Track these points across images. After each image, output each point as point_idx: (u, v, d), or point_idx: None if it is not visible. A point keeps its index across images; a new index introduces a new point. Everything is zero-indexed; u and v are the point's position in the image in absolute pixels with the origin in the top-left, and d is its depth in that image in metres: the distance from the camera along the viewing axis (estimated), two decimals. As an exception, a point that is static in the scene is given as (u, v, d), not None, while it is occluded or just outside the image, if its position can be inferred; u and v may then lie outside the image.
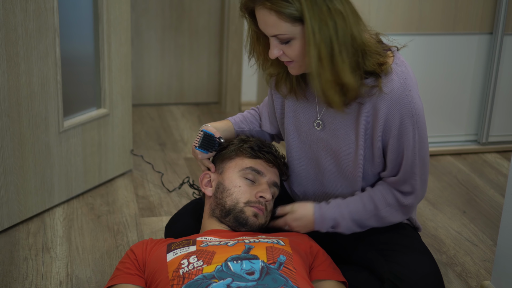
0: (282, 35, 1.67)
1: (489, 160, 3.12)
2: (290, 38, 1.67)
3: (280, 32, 1.66)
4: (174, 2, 3.60)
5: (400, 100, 1.71)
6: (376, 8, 2.88)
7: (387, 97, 1.71)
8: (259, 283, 1.57)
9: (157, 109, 3.66)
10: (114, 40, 2.63)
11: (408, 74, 1.74)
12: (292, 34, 1.66)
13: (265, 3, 1.64)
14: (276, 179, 1.93)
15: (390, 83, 1.71)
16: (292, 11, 1.62)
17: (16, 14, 2.22)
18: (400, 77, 1.72)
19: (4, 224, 2.37)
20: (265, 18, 1.66)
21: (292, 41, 1.68)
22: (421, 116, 1.75)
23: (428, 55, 3.04)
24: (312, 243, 1.85)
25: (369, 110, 1.75)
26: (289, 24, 1.64)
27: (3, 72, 2.23)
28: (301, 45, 1.68)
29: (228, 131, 2.01)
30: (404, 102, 1.71)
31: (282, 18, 1.64)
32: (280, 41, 1.69)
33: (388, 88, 1.71)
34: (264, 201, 1.86)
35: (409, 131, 1.74)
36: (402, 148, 1.76)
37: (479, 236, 2.47)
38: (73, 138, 2.57)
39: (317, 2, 1.62)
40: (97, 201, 2.63)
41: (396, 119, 1.73)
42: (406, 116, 1.72)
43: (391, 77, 1.72)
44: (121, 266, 1.79)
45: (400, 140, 1.75)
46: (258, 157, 1.91)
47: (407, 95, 1.71)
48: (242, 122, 2.05)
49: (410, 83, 1.73)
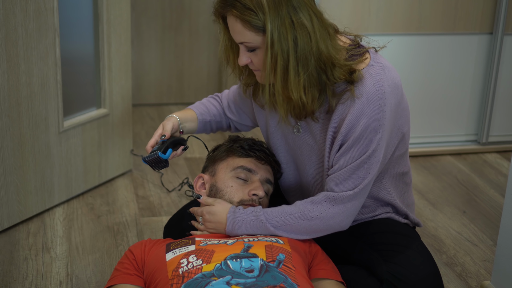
0: (248, 43, 1.70)
1: (489, 160, 3.12)
2: (255, 47, 1.71)
3: (245, 40, 1.70)
4: (174, 2, 3.60)
5: (370, 102, 1.70)
6: (376, 8, 2.88)
7: (358, 100, 1.71)
8: (258, 280, 1.57)
9: (157, 109, 3.66)
10: (114, 40, 2.63)
11: (384, 75, 1.73)
12: (256, 43, 1.69)
13: (233, 11, 1.68)
14: (269, 176, 1.93)
15: (362, 86, 1.71)
16: (256, 21, 1.66)
17: (16, 14, 2.22)
18: (373, 79, 1.71)
19: (4, 224, 2.37)
20: (232, 25, 1.70)
21: (257, 50, 1.72)
22: (387, 121, 1.72)
23: (428, 55, 3.04)
24: (311, 242, 1.85)
25: (340, 113, 1.75)
26: (253, 33, 1.68)
27: (3, 72, 2.23)
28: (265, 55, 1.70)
29: (192, 122, 2.04)
30: (374, 105, 1.70)
31: (246, 27, 1.67)
32: (247, 49, 1.73)
33: (359, 91, 1.71)
34: (257, 198, 1.87)
35: (376, 135, 1.72)
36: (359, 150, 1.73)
37: (479, 236, 2.47)
38: (73, 138, 2.57)
39: (281, 15, 1.64)
40: (97, 201, 2.63)
41: (362, 122, 1.71)
42: (373, 120, 1.71)
43: (363, 80, 1.71)
44: (120, 266, 1.79)
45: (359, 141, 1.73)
46: (249, 156, 1.92)
47: (378, 97, 1.70)
48: (205, 114, 2.08)
49: (385, 84, 1.71)
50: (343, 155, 1.75)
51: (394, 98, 1.74)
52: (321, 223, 1.78)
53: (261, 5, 1.64)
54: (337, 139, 1.76)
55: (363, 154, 1.74)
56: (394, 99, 1.74)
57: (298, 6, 1.65)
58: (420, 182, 2.89)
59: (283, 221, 1.79)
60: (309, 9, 1.67)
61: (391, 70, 1.76)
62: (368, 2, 2.85)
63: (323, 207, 1.77)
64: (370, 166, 1.75)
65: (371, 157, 1.74)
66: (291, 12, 1.65)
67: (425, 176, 2.95)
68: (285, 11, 1.64)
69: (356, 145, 1.73)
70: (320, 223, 1.78)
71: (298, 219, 1.78)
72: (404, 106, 1.83)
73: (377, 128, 1.72)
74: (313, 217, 1.78)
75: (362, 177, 1.75)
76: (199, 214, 1.87)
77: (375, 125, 1.71)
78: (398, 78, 1.78)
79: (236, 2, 1.67)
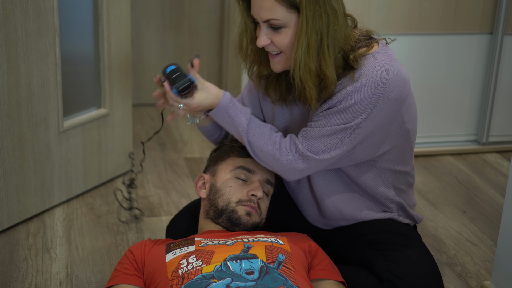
0: (276, 20, 1.68)
1: (489, 160, 3.12)
2: (282, 25, 1.69)
3: (274, 17, 1.68)
4: (174, 2, 3.60)
5: (368, 84, 1.70)
6: (376, 8, 2.88)
7: (357, 79, 1.71)
8: (258, 283, 1.57)
9: (157, 109, 3.66)
10: (114, 40, 2.63)
11: (390, 64, 1.73)
12: (285, 20, 1.68)
13: None
14: (269, 177, 1.92)
15: (363, 68, 1.71)
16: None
17: (16, 14, 2.22)
18: (377, 63, 1.71)
19: (4, 224, 2.37)
20: (261, 1, 1.68)
21: (283, 29, 1.70)
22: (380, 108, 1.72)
23: (428, 55, 3.04)
24: (311, 242, 1.85)
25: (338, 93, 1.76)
26: (284, 9, 1.67)
27: (3, 72, 2.23)
28: (292, 35, 1.70)
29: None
30: (372, 87, 1.70)
31: (279, 1, 1.66)
32: (271, 28, 1.70)
33: (359, 73, 1.71)
34: (256, 199, 1.86)
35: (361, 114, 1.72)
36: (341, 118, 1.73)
37: (479, 236, 2.47)
38: (73, 138, 2.57)
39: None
40: (97, 201, 2.63)
41: (354, 97, 1.71)
42: (365, 100, 1.70)
43: (366, 63, 1.72)
44: (120, 266, 1.79)
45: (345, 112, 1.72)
46: (249, 156, 1.91)
47: (377, 80, 1.70)
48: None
49: (388, 71, 1.71)
50: (325, 116, 1.75)
51: (397, 89, 1.73)
52: (278, 165, 1.80)
53: None
54: (326, 103, 1.76)
55: (342, 124, 1.73)
56: (396, 91, 1.73)
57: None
58: (420, 182, 2.89)
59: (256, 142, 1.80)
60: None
61: (398, 63, 1.76)
62: (368, 2, 2.85)
63: (288, 156, 1.78)
64: (343, 139, 1.74)
65: (348, 131, 1.73)
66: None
67: (425, 176, 2.95)
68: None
69: (341, 113, 1.73)
70: (278, 164, 1.80)
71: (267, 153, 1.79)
72: (411, 103, 1.83)
73: (365, 108, 1.71)
74: (276, 158, 1.79)
75: (331, 146, 1.75)
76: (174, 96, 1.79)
77: (365, 105, 1.71)
78: (405, 73, 1.78)
79: None
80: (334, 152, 1.76)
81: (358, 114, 1.72)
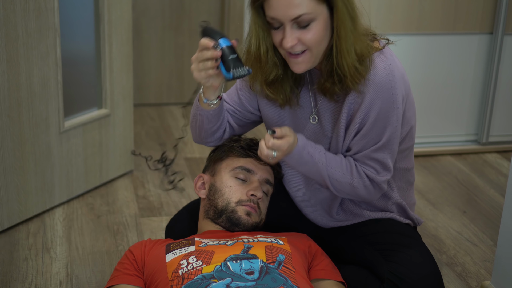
0: (306, 15, 1.65)
1: (489, 160, 3.12)
2: (312, 20, 1.66)
3: (304, 11, 1.64)
4: (174, 2, 3.60)
5: (383, 85, 1.72)
6: (376, 8, 2.88)
7: (370, 83, 1.72)
8: (258, 283, 1.57)
9: (157, 109, 3.67)
10: (116, 40, 2.63)
11: (394, 62, 1.75)
12: (315, 13, 1.65)
13: None
14: (269, 177, 1.93)
15: (374, 69, 1.72)
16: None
17: (16, 14, 2.22)
18: (384, 62, 1.73)
19: (4, 224, 2.37)
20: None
21: (312, 24, 1.67)
22: (400, 104, 1.75)
23: (428, 55, 3.04)
24: (311, 242, 1.85)
25: (354, 98, 1.76)
26: (314, 1, 1.65)
27: (3, 72, 2.23)
28: (321, 28, 1.68)
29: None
30: (387, 88, 1.72)
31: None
32: (299, 25, 1.67)
33: (372, 74, 1.72)
34: (255, 199, 1.86)
35: (392, 116, 1.74)
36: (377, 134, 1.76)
37: (479, 236, 2.47)
38: (74, 138, 2.57)
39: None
40: (97, 201, 2.63)
41: (377, 105, 1.73)
42: (387, 103, 1.73)
43: (375, 63, 1.73)
44: (120, 266, 1.79)
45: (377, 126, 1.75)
46: (249, 156, 1.91)
47: (390, 80, 1.72)
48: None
49: (395, 69, 1.73)
50: (363, 139, 1.77)
51: (403, 86, 1.76)
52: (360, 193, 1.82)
53: None
54: (353, 124, 1.76)
55: (383, 137, 1.76)
56: (402, 87, 1.76)
57: None
58: (420, 182, 2.89)
59: (337, 176, 1.80)
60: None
61: (398, 62, 1.78)
62: (368, 2, 2.85)
63: (365, 183, 1.80)
64: (391, 148, 1.78)
65: (390, 139, 1.77)
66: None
67: (425, 176, 2.95)
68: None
69: (374, 128, 1.75)
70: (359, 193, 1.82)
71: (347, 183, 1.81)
72: (411, 100, 1.85)
73: (392, 110, 1.74)
74: (357, 187, 1.80)
75: (384, 157, 1.78)
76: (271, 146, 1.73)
77: (389, 107, 1.73)
78: (404, 71, 1.80)
79: None
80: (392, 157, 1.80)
81: (388, 118, 1.74)
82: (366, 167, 1.80)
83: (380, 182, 1.80)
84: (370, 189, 1.81)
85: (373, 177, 1.80)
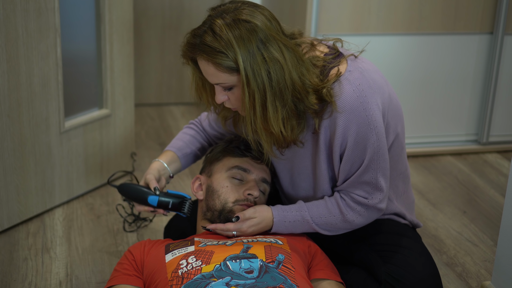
0: (224, 84, 1.70)
1: (490, 160, 3.12)
2: (232, 86, 1.70)
3: (220, 81, 1.69)
4: (174, 2, 3.60)
5: (354, 109, 1.70)
6: (376, 8, 2.88)
7: (341, 109, 1.71)
8: (258, 281, 1.57)
9: (157, 109, 3.67)
10: (116, 40, 2.63)
11: (363, 78, 1.73)
12: (232, 82, 1.69)
13: (203, 55, 1.67)
14: (265, 175, 1.93)
15: (342, 95, 1.71)
16: (228, 62, 1.65)
17: (16, 14, 2.22)
18: (352, 85, 1.71)
19: (4, 224, 2.37)
20: (205, 68, 1.70)
21: (234, 88, 1.71)
22: (378, 121, 1.73)
23: (428, 55, 3.04)
24: (310, 242, 1.86)
25: (327, 125, 1.75)
26: (227, 74, 1.67)
27: (4, 72, 2.23)
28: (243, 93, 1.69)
29: (175, 162, 2.01)
30: (359, 111, 1.71)
31: (219, 69, 1.66)
32: (224, 88, 1.71)
33: (341, 102, 1.70)
34: (252, 198, 1.87)
35: (370, 137, 1.73)
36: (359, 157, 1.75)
37: (480, 236, 2.47)
38: (75, 138, 2.57)
39: (251, 52, 1.64)
40: (97, 201, 2.63)
41: (352, 130, 1.72)
42: (362, 125, 1.72)
43: (342, 88, 1.71)
44: (119, 267, 1.79)
45: (357, 149, 1.74)
46: (244, 155, 1.91)
47: (361, 102, 1.71)
48: (183, 148, 2.04)
49: (365, 87, 1.72)
50: (346, 163, 1.76)
51: (379, 97, 1.74)
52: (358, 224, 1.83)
53: (230, 45, 1.64)
54: (334, 153, 1.76)
55: (365, 157, 1.74)
56: (379, 99, 1.74)
57: (266, 41, 1.65)
58: (420, 182, 2.89)
59: (327, 222, 1.82)
60: (278, 41, 1.67)
61: (371, 72, 1.76)
62: (368, 2, 2.85)
63: (359, 211, 1.81)
64: (377, 166, 1.76)
65: (374, 159, 1.75)
66: (261, 48, 1.65)
67: (425, 176, 2.95)
68: (255, 48, 1.64)
69: (355, 151, 1.74)
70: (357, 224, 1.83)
71: (341, 222, 1.81)
72: (395, 105, 1.83)
73: (369, 130, 1.72)
74: (352, 221, 1.81)
75: (373, 177, 1.77)
76: (233, 229, 1.82)
77: (366, 129, 1.72)
78: (380, 78, 1.78)
79: (205, 46, 1.66)
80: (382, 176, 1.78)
81: (367, 140, 1.73)
82: (357, 193, 1.79)
83: (374, 204, 1.80)
84: (366, 215, 1.81)
85: (365, 202, 1.79)
